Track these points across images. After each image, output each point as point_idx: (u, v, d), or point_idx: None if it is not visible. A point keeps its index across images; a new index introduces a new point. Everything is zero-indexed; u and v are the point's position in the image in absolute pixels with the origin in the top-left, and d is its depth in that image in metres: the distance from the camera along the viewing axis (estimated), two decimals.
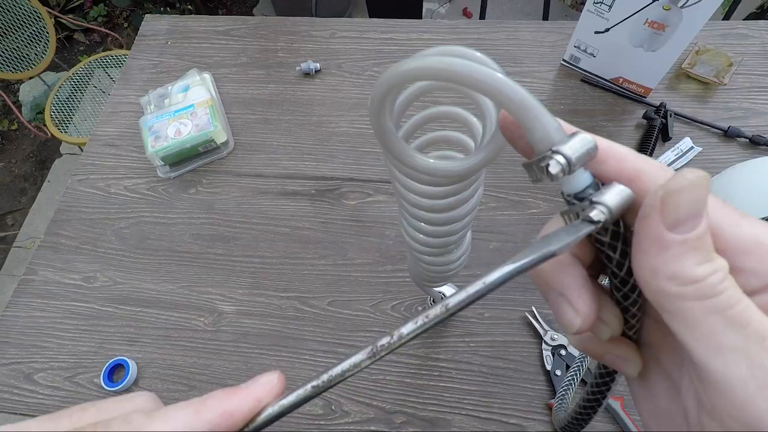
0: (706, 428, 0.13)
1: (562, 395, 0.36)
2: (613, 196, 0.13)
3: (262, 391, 0.14)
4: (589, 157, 0.14)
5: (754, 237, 0.12)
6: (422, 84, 0.23)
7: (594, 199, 0.13)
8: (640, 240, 0.13)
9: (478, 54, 0.17)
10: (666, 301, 0.12)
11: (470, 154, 0.20)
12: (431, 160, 0.20)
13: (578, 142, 0.13)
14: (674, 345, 0.15)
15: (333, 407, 0.52)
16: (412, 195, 0.25)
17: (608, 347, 0.16)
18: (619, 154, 0.14)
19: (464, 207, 0.26)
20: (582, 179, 0.14)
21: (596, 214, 0.13)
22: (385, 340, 0.15)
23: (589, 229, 0.13)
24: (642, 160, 0.14)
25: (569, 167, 0.13)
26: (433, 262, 0.33)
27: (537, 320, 0.54)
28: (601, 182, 0.14)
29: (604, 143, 0.14)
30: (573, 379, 0.39)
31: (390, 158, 0.21)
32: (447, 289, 0.49)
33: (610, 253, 0.14)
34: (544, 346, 0.52)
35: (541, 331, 0.53)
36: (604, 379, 0.19)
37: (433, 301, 0.50)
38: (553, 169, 0.13)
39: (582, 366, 0.38)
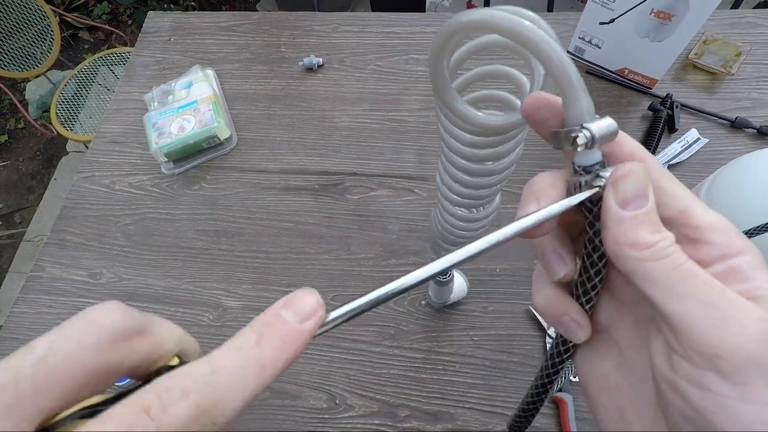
0: (682, 373, 0.15)
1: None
2: (600, 125, 0.16)
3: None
4: (610, 138, 0.16)
5: (717, 221, 0.16)
6: (482, 40, 0.24)
7: (600, 172, 0.16)
8: (605, 218, 0.16)
9: (544, 22, 0.19)
10: (630, 264, 0.16)
11: (516, 110, 0.22)
12: (479, 113, 0.22)
13: (604, 124, 0.16)
14: (629, 320, 0.19)
15: (337, 401, 0.52)
16: (457, 143, 0.27)
17: (567, 309, 0.19)
18: (630, 143, 0.17)
19: (503, 161, 0.28)
20: (596, 155, 0.17)
21: (598, 181, 0.16)
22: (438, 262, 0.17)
23: (589, 193, 0.16)
24: (645, 152, 0.17)
25: (592, 142, 0.16)
26: (462, 217, 0.33)
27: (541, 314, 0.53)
28: (607, 163, 0.17)
29: (621, 133, 0.17)
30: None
31: (440, 105, 0.24)
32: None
33: (595, 222, 0.17)
34: (547, 339, 0.52)
35: (545, 325, 0.53)
36: (554, 364, 0.21)
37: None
38: (580, 140, 0.16)
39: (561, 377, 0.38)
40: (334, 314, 0.16)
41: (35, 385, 0.12)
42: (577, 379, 0.49)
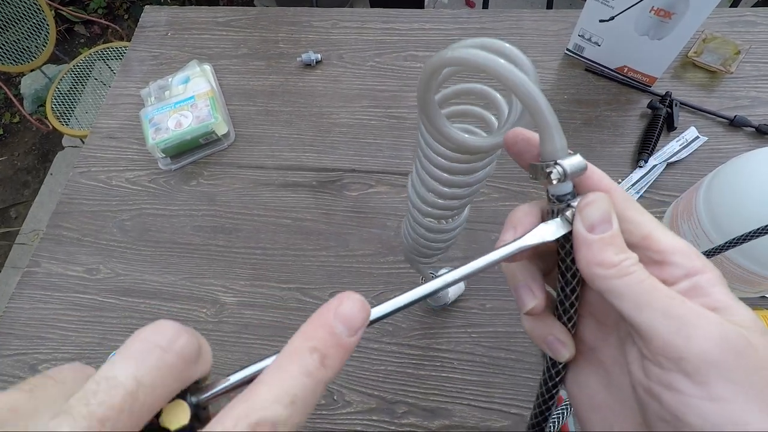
0: (654, 378, 0.16)
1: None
2: (572, 161, 0.18)
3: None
4: (580, 173, 0.18)
5: (678, 244, 0.18)
6: (468, 86, 0.28)
7: (570, 202, 0.18)
8: (575, 242, 0.18)
9: (525, 58, 0.20)
10: (600, 282, 0.17)
11: (495, 132, 0.24)
12: (466, 136, 0.24)
13: (575, 161, 0.18)
14: (613, 338, 0.20)
15: (335, 397, 0.52)
16: (435, 156, 0.28)
17: (551, 330, 0.20)
18: (598, 174, 0.19)
19: (478, 175, 0.29)
20: (567, 187, 0.19)
21: (570, 213, 0.18)
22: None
23: (567, 230, 0.19)
24: (611, 182, 0.19)
25: (564, 177, 0.18)
26: (431, 228, 0.34)
27: None
28: (577, 192, 0.19)
29: (589, 166, 0.19)
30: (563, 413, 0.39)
31: (427, 127, 0.25)
32: (444, 270, 0.50)
33: (566, 244, 0.19)
34: None
35: None
36: (550, 386, 0.22)
37: (423, 279, 0.50)
38: (554, 176, 0.18)
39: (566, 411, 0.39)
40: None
41: (129, 422, 0.13)
42: None
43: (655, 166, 0.61)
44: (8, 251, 1.74)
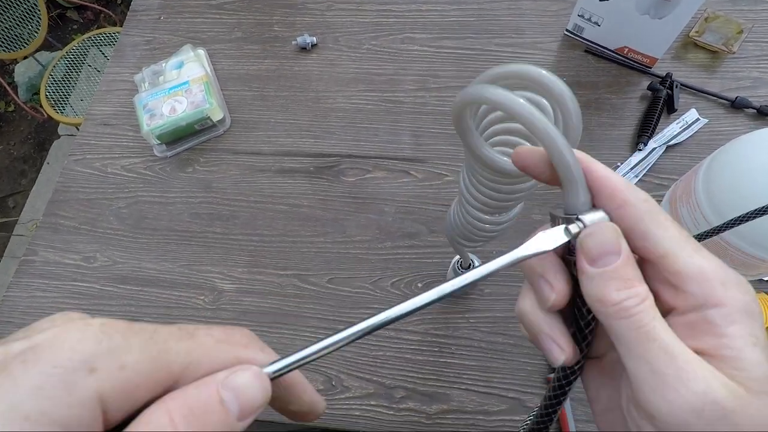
0: (632, 414, 0.17)
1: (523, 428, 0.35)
2: (593, 218, 0.17)
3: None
4: None
5: (700, 268, 0.16)
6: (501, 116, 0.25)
7: (581, 216, 0.17)
8: (578, 272, 0.17)
9: (565, 94, 0.18)
10: (599, 317, 0.17)
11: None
12: (505, 159, 0.23)
13: (597, 218, 0.17)
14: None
15: (333, 383, 0.52)
16: (482, 172, 0.27)
17: (546, 328, 0.19)
18: (612, 184, 0.17)
19: (527, 183, 0.28)
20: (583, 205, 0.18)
21: (574, 227, 0.17)
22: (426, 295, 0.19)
23: (564, 240, 0.18)
24: (629, 192, 0.17)
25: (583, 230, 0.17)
26: (481, 219, 0.34)
27: None
28: (593, 201, 0.18)
29: (602, 175, 0.17)
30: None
31: (468, 152, 0.25)
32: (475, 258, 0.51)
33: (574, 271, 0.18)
34: None
35: None
36: (561, 385, 0.21)
37: (461, 264, 0.50)
38: (573, 229, 0.17)
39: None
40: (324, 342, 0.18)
41: None
42: None
43: (654, 149, 0.60)
44: (7, 241, 1.74)
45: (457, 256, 0.52)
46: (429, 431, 0.50)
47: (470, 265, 0.50)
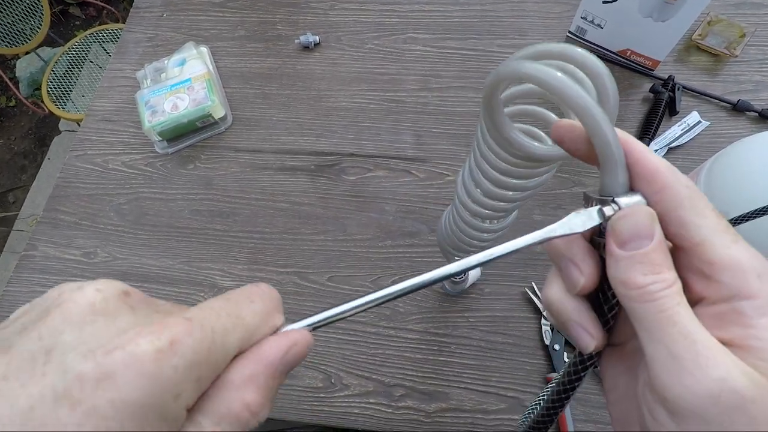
0: (646, 398, 0.16)
1: (532, 410, 0.35)
2: (629, 201, 0.17)
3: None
4: None
5: (736, 259, 0.16)
6: (534, 89, 0.24)
7: (616, 198, 0.17)
8: (606, 253, 0.17)
9: (604, 73, 0.18)
10: (622, 300, 0.17)
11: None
12: (535, 143, 0.23)
13: (634, 201, 0.16)
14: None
15: (333, 380, 0.52)
16: (495, 159, 0.26)
17: (576, 316, 0.18)
18: (654, 167, 0.17)
19: (536, 180, 0.27)
20: (621, 187, 0.17)
21: (608, 209, 0.17)
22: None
23: (596, 222, 0.17)
24: (671, 176, 0.17)
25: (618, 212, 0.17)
26: (476, 227, 0.33)
27: (536, 296, 0.54)
28: (632, 184, 0.17)
29: (643, 156, 0.17)
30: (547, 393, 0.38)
31: (492, 131, 0.24)
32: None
33: (604, 255, 0.18)
34: (543, 321, 0.53)
35: (541, 307, 0.53)
36: (574, 376, 0.21)
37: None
38: (607, 212, 0.17)
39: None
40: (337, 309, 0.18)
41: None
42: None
43: (656, 150, 0.60)
44: (7, 236, 1.74)
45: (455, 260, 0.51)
46: (428, 429, 0.50)
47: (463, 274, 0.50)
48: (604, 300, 0.18)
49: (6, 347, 0.13)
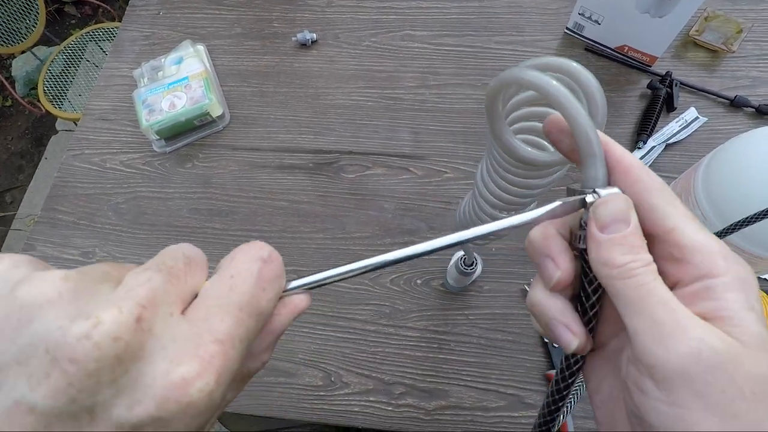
0: (632, 376, 0.17)
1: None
2: (608, 191, 0.18)
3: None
4: None
5: (704, 243, 0.17)
6: (532, 96, 0.26)
7: (597, 189, 0.18)
8: (588, 238, 0.18)
9: (591, 77, 0.20)
10: (604, 282, 0.18)
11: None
12: (531, 151, 0.24)
13: (612, 192, 0.18)
14: (623, 336, 0.20)
15: (333, 378, 0.52)
16: (505, 163, 0.27)
17: (558, 314, 0.19)
18: (627, 163, 0.19)
19: (549, 178, 0.28)
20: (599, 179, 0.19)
21: (589, 198, 0.18)
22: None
23: (575, 200, 0.19)
24: (642, 170, 0.18)
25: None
26: (496, 216, 0.34)
27: None
28: (609, 177, 0.19)
29: (619, 153, 0.19)
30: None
31: (494, 140, 0.25)
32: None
33: (583, 246, 0.19)
34: None
35: None
36: (566, 379, 0.21)
37: (464, 261, 0.50)
38: (589, 200, 0.18)
39: (575, 398, 0.38)
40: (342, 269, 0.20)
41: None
42: None
43: (653, 147, 0.60)
44: (4, 236, 1.74)
45: (459, 253, 0.52)
46: (428, 427, 0.50)
47: (473, 263, 0.50)
48: (585, 296, 0.19)
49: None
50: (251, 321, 0.17)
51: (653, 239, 0.18)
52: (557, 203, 0.19)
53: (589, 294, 0.19)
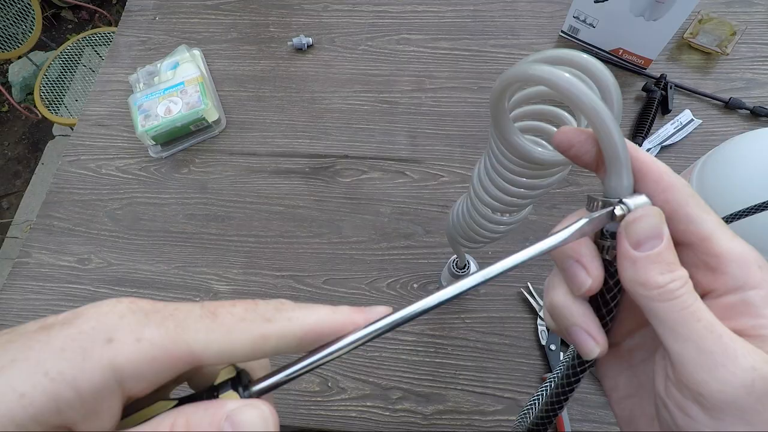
0: (673, 396, 0.16)
1: (528, 409, 0.35)
2: (637, 202, 0.17)
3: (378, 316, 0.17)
4: None
5: (739, 251, 0.16)
6: (542, 90, 0.24)
7: (624, 199, 0.17)
8: (619, 256, 0.17)
9: (608, 78, 0.18)
10: (641, 301, 0.17)
11: None
12: (538, 149, 0.23)
13: (640, 202, 0.17)
14: (647, 336, 0.20)
15: (329, 384, 0.52)
16: (507, 162, 0.26)
17: (580, 320, 0.18)
18: (658, 171, 0.17)
19: (549, 179, 0.28)
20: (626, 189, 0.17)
21: (618, 210, 0.17)
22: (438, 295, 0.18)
23: (604, 214, 0.17)
24: (673, 178, 0.17)
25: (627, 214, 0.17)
26: (490, 218, 0.34)
27: (532, 296, 0.54)
28: (635, 187, 0.18)
29: (647, 159, 0.18)
30: (543, 393, 0.39)
31: (499, 137, 0.24)
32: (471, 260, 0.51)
33: (608, 257, 0.18)
34: (539, 321, 0.53)
35: (537, 307, 0.53)
36: (570, 379, 0.21)
37: (456, 264, 0.50)
38: (617, 212, 0.17)
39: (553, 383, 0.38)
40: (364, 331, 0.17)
41: None
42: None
43: (649, 149, 0.60)
44: (1, 242, 1.73)
45: (453, 256, 0.51)
46: None
47: (465, 266, 0.50)
48: (603, 303, 0.19)
49: (47, 328, 0.14)
50: (184, 307, 0.16)
51: (684, 247, 0.17)
52: (584, 220, 0.17)
53: (607, 300, 0.18)
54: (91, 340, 0.14)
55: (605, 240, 0.18)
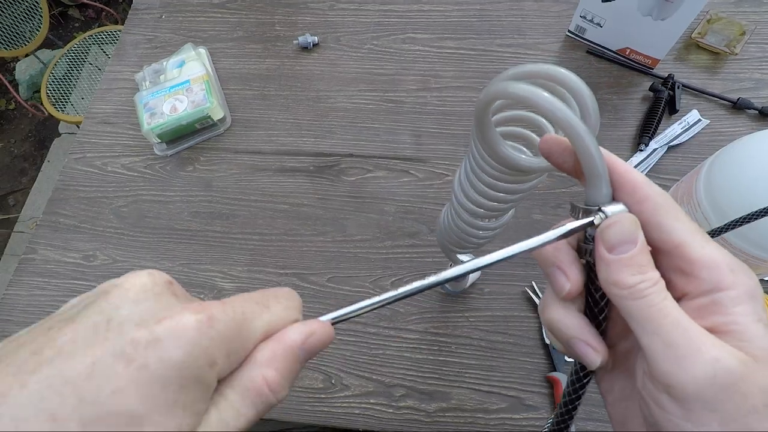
0: (648, 390, 0.18)
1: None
2: (614, 209, 0.18)
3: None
4: None
5: (711, 256, 0.17)
6: (524, 114, 0.26)
7: (602, 207, 0.18)
8: (596, 258, 0.19)
9: (585, 92, 0.19)
10: (615, 300, 0.18)
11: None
12: (521, 156, 0.24)
13: (618, 210, 0.18)
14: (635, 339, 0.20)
15: (333, 381, 0.52)
16: (488, 168, 0.27)
17: (578, 332, 0.20)
18: (633, 182, 0.19)
19: (527, 184, 0.28)
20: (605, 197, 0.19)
21: (597, 218, 0.18)
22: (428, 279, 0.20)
23: (584, 223, 0.19)
24: (650, 188, 0.19)
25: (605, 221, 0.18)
26: (473, 224, 0.34)
27: (537, 295, 0.54)
28: (614, 195, 0.19)
29: (624, 171, 0.19)
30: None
31: (482, 144, 0.25)
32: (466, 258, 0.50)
33: (590, 260, 0.19)
34: None
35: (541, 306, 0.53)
36: (576, 390, 0.21)
37: (450, 264, 0.50)
38: (596, 221, 0.18)
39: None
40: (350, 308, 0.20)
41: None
42: (571, 360, 0.49)
43: (656, 149, 0.60)
44: (7, 239, 1.74)
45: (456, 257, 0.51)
46: (428, 429, 0.49)
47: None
48: (593, 303, 0.20)
49: (70, 319, 0.15)
50: (256, 306, 0.19)
51: (661, 253, 0.18)
52: (567, 227, 0.19)
53: (597, 300, 0.20)
54: (200, 371, 0.16)
55: (588, 244, 0.19)
